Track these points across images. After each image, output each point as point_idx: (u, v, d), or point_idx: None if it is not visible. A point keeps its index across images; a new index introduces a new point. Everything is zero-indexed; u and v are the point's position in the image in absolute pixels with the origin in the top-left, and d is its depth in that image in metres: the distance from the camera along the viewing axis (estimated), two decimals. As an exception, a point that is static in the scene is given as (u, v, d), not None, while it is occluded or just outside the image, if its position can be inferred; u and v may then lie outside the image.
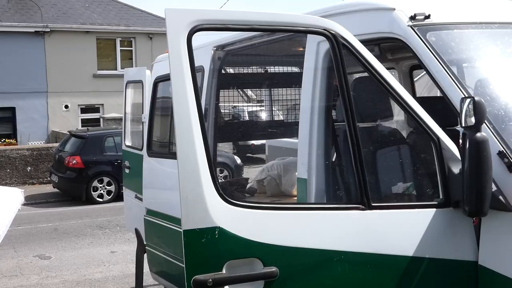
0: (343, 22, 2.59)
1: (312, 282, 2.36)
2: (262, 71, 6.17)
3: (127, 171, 7.26)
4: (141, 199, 6.16)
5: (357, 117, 2.50)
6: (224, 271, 2.24)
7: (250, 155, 14.57)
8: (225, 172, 12.85)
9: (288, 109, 6.35)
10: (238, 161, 13.07)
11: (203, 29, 2.32)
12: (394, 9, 2.88)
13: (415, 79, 5.09)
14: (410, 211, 2.52)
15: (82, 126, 21.36)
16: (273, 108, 6.71)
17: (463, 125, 2.31)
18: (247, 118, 7.70)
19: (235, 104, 6.53)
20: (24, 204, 4.60)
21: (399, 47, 3.93)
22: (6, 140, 20.47)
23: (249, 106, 7.62)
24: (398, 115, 3.17)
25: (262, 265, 2.28)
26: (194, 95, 2.25)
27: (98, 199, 14.16)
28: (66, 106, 22.31)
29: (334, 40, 2.49)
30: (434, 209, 2.50)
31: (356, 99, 2.69)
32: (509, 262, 2.37)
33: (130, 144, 7.29)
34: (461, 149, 2.36)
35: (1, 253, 9.04)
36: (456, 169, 2.46)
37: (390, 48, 4.31)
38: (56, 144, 17.06)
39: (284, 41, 4.07)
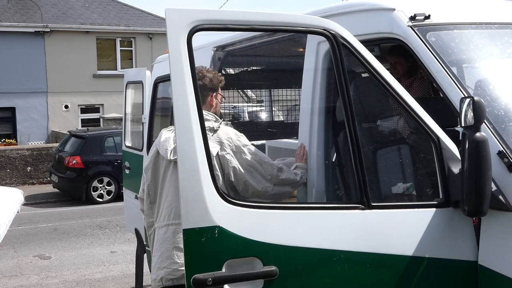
0: (343, 22, 2.59)
1: (312, 281, 2.37)
2: (262, 72, 6.18)
3: (127, 171, 7.26)
4: (141, 199, 6.15)
5: (357, 117, 2.51)
6: (223, 270, 2.24)
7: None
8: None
9: (288, 109, 6.36)
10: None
11: (203, 29, 2.33)
12: (394, 9, 2.88)
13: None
14: (410, 210, 2.53)
15: (82, 126, 21.37)
16: (273, 109, 6.71)
17: (463, 125, 2.32)
18: (247, 119, 7.69)
19: (235, 104, 6.53)
20: (24, 204, 4.60)
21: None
22: (6, 140, 20.48)
23: (249, 106, 7.62)
24: (398, 115, 3.17)
25: (262, 264, 2.29)
26: (194, 95, 2.25)
27: (98, 199, 14.17)
28: (66, 106, 22.32)
29: (334, 40, 2.50)
30: (434, 209, 2.51)
31: (356, 99, 2.70)
32: (509, 262, 2.38)
33: (130, 145, 7.29)
34: (461, 149, 2.36)
35: (1, 253, 9.04)
36: (456, 169, 2.46)
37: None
38: (56, 144, 17.08)
39: (284, 41, 4.07)
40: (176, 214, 3.16)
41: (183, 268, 3.01)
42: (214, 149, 3.00)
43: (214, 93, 3.33)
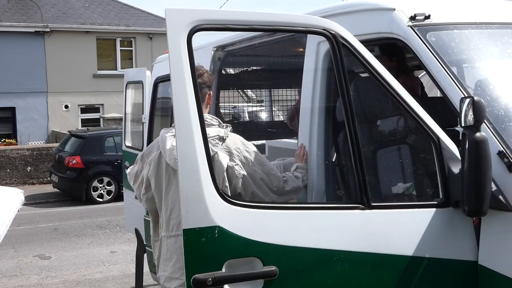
0: (343, 22, 2.59)
1: (312, 281, 2.37)
2: (262, 72, 6.18)
3: (127, 171, 7.26)
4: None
5: (357, 117, 2.51)
6: (223, 270, 2.24)
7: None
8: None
9: (288, 109, 6.36)
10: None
11: (203, 29, 2.33)
12: (394, 9, 2.88)
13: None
14: (410, 210, 2.53)
15: (82, 126, 21.38)
16: (273, 109, 6.71)
17: (463, 125, 2.32)
18: (247, 119, 7.70)
19: (235, 104, 6.53)
20: (24, 204, 4.60)
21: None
22: (6, 140, 20.48)
23: (249, 106, 7.63)
24: (398, 115, 3.17)
25: (262, 264, 2.29)
26: (194, 95, 2.25)
27: (98, 199, 14.17)
28: (66, 106, 22.32)
29: (334, 40, 2.50)
30: (434, 209, 2.51)
31: (356, 99, 2.70)
32: (509, 262, 2.38)
33: (130, 145, 7.29)
34: (461, 149, 2.36)
35: (1, 253, 9.04)
36: (456, 169, 2.46)
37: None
38: (56, 144, 17.08)
39: (284, 41, 4.07)
40: None
41: None
42: (225, 160, 2.97)
43: (211, 92, 3.28)
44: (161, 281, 3.24)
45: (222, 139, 3.03)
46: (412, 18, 2.82)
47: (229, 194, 2.88)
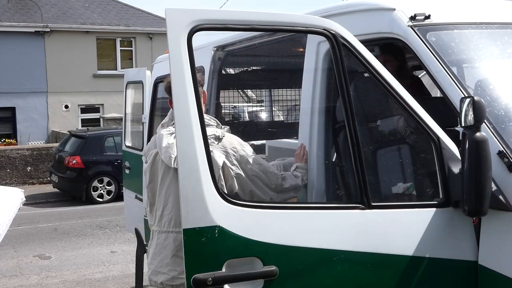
0: (343, 22, 2.60)
1: (312, 281, 2.37)
2: (262, 72, 6.18)
3: (127, 171, 7.27)
4: (141, 200, 6.17)
5: (357, 117, 2.51)
6: (223, 270, 2.24)
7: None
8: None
9: (288, 109, 6.36)
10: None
11: (204, 29, 2.33)
12: (394, 9, 2.88)
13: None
14: (410, 210, 2.53)
15: (82, 126, 21.38)
16: (273, 109, 6.72)
17: (463, 125, 2.32)
18: (247, 119, 7.69)
19: (235, 104, 6.53)
20: (24, 204, 4.61)
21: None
22: (6, 140, 20.48)
23: (249, 106, 7.63)
24: (398, 115, 3.17)
25: (262, 264, 2.29)
26: (194, 95, 2.25)
27: (98, 199, 14.17)
28: (66, 106, 22.32)
29: (334, 40, 2.50)
30: (434, 209, 2.51)
31: (356, 99, 2.70)
32: (509, 262, 2.38)
33: (130, 145, 7.30)
34: (461, 149, 2.37)
35: (1, 253, 9.04)
36: (456, 169, 2.46)
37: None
38: (56, 144, 17.08)
39: (284, 41, 4.07)
40: (176, 222, 3.15)
41: (182, 276, 3.03)
42: (220, 158, 2.99)
43: (203, 89, 3.26)
44: (149, 273, 3.33)
45: (218, 139, 3.06)
46: (412, 18, 2.82)
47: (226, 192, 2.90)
